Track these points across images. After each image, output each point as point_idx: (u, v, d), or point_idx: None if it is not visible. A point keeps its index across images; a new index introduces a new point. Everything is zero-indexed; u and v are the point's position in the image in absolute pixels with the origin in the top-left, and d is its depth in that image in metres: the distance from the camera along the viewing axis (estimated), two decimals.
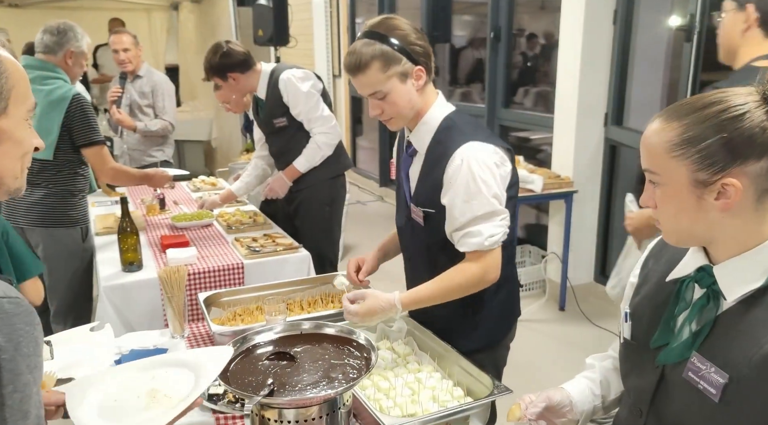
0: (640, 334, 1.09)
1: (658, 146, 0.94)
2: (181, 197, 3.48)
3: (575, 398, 1.22)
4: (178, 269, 1.82)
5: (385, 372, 1.55)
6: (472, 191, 1.50)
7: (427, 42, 1.57)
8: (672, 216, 0.97)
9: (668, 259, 1.10)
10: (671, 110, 0.96)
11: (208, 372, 1.14)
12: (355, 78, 1.55)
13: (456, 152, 1.52)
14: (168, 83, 4.04)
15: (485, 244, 1.52)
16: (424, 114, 1.61)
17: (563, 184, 3.72)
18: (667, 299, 1.05)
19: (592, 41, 3.58)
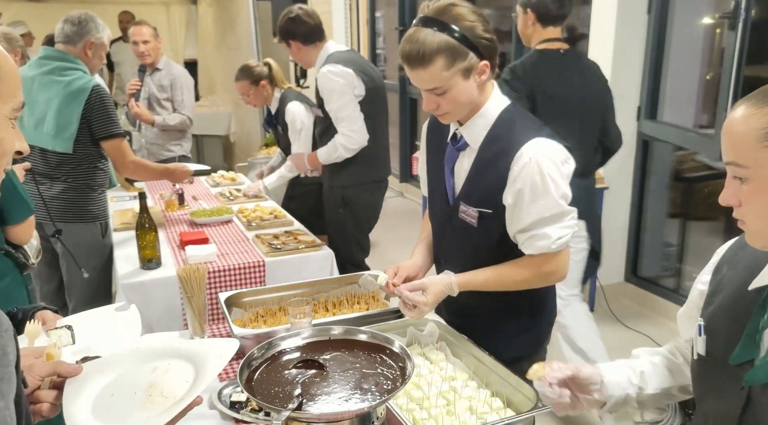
0: (717, 349, 0.97)
1: (746, 135, 0.82)
2: (200, 192, 3.41)
3: (607, 379, 1.13)
4: (197, 268, 1.73)
5: (418, 379, 1.45)
6: (540, 190, 1.40)
7: (494, 35, 1.44)
8: (762, 215, 0.85)
9: (747, 265, 0.97)
10: (761, 94, 0.83)
11: (210, 369, 1.07)
12: (413, 70, 1.40)
13: (523, 149, 1.41)
14: (187, 77, 3.97)
15: (552, 247, 1.44)
16: (480, 108, 1.49)
17: (594, 180, 3.58)
18: (750, 309, 0.93)
19: (625, 32, 3.44)
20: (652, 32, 3.42)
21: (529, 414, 1.27)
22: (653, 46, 3.44)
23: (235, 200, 3.19)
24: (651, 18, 3.42)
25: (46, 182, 2.57)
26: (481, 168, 1.49)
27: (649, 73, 3.49)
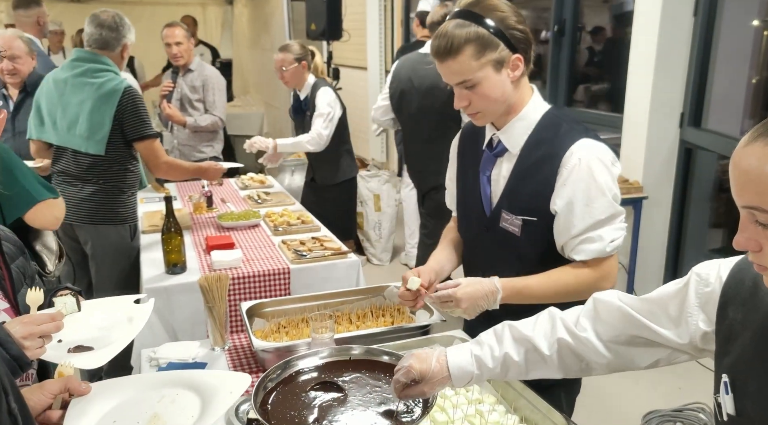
0: (752, 407, 0.85)
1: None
2: (228, 194, 3.39)
3: (454, 378, 1.11)
4: (219, 278, 1.69)
5: (443, 401, 1.38)
6: (593, 193, 1.33)
7: (527, 27, 1.38)
8: None
9: (754, 304, 0.87)
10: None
11: (216, 406, 1.03)
12: (443, 64, 1.35)
13: (570, 150, 1.35)
14: (219, 78, 3.97)
15: (606, 250, 1.37)
16: (520, 110, 1.42)
17: (632, 189, 3.45)
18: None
19: (670, 34, 3.29)
20: (699, 35, 3.27)
21: None
22: (699, 49, 3.28)
23: (264, 203, 3.16)
24: (697, 20, 3.27)
25: (77, 184, 2.58)
26: (524, 174, 1.42)
27: (693, 77, 3.34)
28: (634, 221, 3.48)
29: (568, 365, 1.12)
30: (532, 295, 1.39)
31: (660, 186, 3.52)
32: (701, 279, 0.97)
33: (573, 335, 1.11)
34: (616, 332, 1.08)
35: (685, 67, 3.36)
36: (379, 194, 4.60)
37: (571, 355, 1.11)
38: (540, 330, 1.13)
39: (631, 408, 2.78)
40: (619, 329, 1.07)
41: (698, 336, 0.98)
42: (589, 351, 1.10)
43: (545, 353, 1.11)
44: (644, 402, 2.78)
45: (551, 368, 1.13)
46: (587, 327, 1.11)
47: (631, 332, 1.07)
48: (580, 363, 1.11)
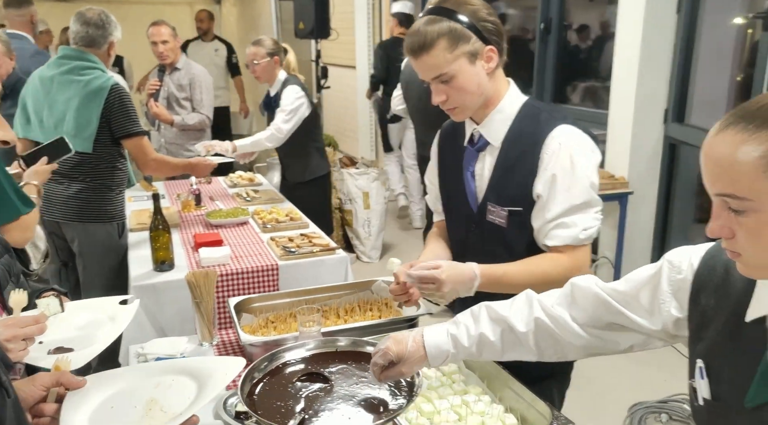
0: (726, 392, 0.88)
1: (745, 165, 0.73)
2: (217, 192, 3.39)
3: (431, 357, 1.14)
4: (207, 274, 1.70)
5: (429, 392, 1.40)
6: (572, 178, 1.35)
7: (498, 19, 1.40)
8: (765, 248, 0.77)
9: (726, 291, 0.89)
10: (749, 115, 0.75)
11: (211, 387, 1.05)
12: (418, 60, 1.37)
13: (551, 135, 1.37)
14: (206, 76, 3.97)
15: (580, 237, 1.37)
16: (498, 102, 1.44)
17: (617, 184, 3.50)
18: (755, 343, 0.84)
19: (654, 31, 3.33)
20: (682, 32, 3.32)
21: None
22: (682, 46, 3.33)
23: (252, 200, 3.17)
24: (680, 17, 3.31)
25: (64, 182, 2.57)
26: (508, 165, 1.43)
27: (677, 74, 3.38)
28: (620, 216, 3.52)
29: (542, 347, 1.13)
30: (510, 282, 1.37)
31: (645, 181, 3.57)
32: (673, 266, 0.99)
33: (550, 316, 1.12)
34: (591, 316, 1.09)
35: (669, 64, 3.41)
36: (368, 191, 4.61)
37: (547, 337, 1.12)
38: (517, 311, 1.14)
39: (617, 400, 2.81)
40: (595, 314, 1.09)
41: (671, 323, 1.00)
42: (566, 333, 1.11)
43: (521, 332, 1.12)
44: (630, 394, 2.81)
45: (526, 349, 1.14)
46: (564, 309, 1.12)
47: (606, 318, 1.09)
48: (555, 345, 1.12)
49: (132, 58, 6.30)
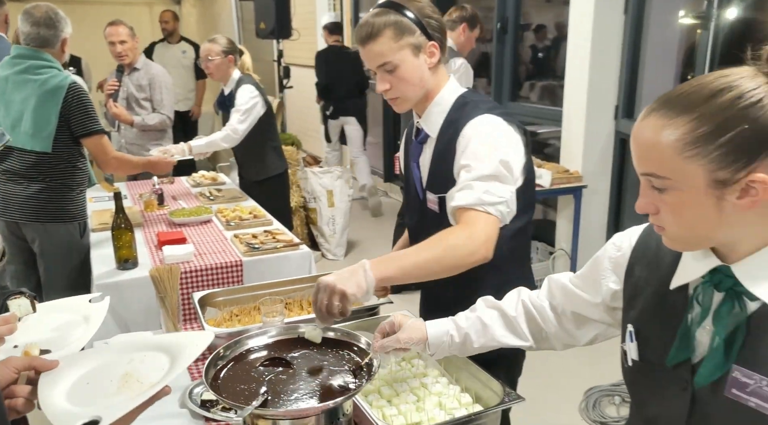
0: (651, 353, 0.97)
1: (664, 147, 0.81)
2: (180, 191, 3.40)
3: (431, 339, 1.24)
4: (170, 269, 1.73)
5: (389, 376, 1.46)
6: (480, 153, 1.39)
7: (442, 18, 1.49)
8: (685, 223, 0.85)
9: (657, 264, 0.98)
10: (670, 102, 0.83)
11: (184, 358, 1.09)
12: (365, 48, 1.45)
13: (468, 124, 1.44)
14: (166, 76, 3.96)
15: (483, 198, 1.35)
16: (435, 96, 1.52)
17: (572, 178, 3.63)
18: (676, 309, 0.93)
19: (603, 32, 3.48)
20: (629, 32, 3.46)
21: (496, 408, 1.29)
22: (630, 46, 3.48)
23: (216, 199, 3.18)
24: (627, 18, 3.46)
25: (22, 182, 2.55)
26: (441, 154, 1.51)
27: (626, 72, 3.53)
28: (574, 209, 3.66)
29: (533, 332, 1.25)
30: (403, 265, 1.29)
31: (598, 175, 3.71)
32: (615, 245, 1.09)
33: (533, 303, 1.25)
34: (561, 306, 1.21)
35: (618, 62, 3.56)
36: (332, 189, 4.66)
37: (533, 323, 1.24)
38: (507, 299, 1.28)
39: (573, 384, 2.93)
40: (564, 304, 1.20)
41: (609, 295, 1.09)
42: (547, 321, 1.23)
43: (512, 316, 1.24)
44: (585, 379, 2.94)
45: (519, 333, 1.25)
46: (545, 299, 1.24)
47: (572, 308, 1.19)
48: (542, 332, 1.24)
49: (90, 59, 6.20)
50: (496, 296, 1.51)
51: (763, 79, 0.80)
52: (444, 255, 1.30)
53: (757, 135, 0.78)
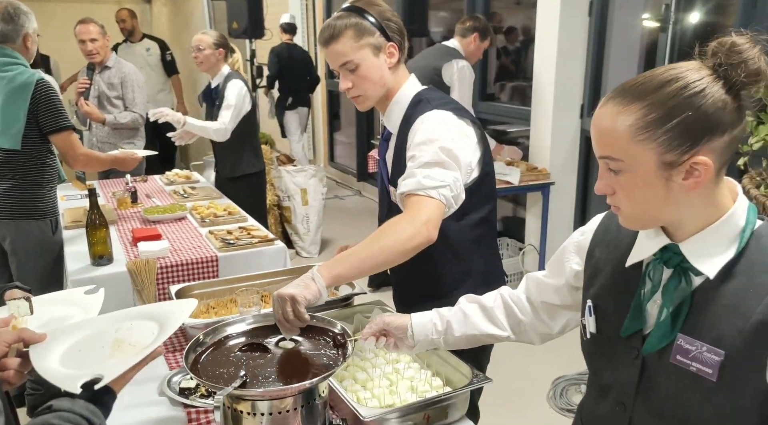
0: (607, 326, 1.05)
1: (619, 132, 0.89)
2: (153, 189, 3.40)
3: (415, 327, 1.30)
4: (147, 262, 1.76)
5: (363, 363, 1.52)
6: (423, 144, 1.46)
7: (401, 22, 1.57)
8: (637, 202, 0.93)
9: (615, 244, 1.07)
10: (625, 91, 0.91)
11: (172, 322, 1.14)
12: (327, 49, 1.53)
13: (419, 118, 1.51)
14: (137, 74, 3.95)
15: (423, 182, 1.39)
16: (395, 94, 1.59)
17: (540, 176, 3.73)
18: (630, 285, 1.01)
19: (568, 33, 3.59)
20: (593, 34, 3.58)
21: (464, 389, 1.36)
22: (594, 46, 3.60)
23: (189, 197, 3.20)
24: (592, 20, 3.58)
25: None
26: (399, 150, 1.59)
27: (590, 72, 3.65)
28: (543, 206, 3.76)
29: (511, 324, 1.31)
30: (352, 254, 1.33)
31: (565, 173, 3.82)
32: (580, 231, 1.18)
33: (511, 295, 1.33)
34: (536, 298, 1.29)
35: (583, 63, 3.68)
36: (306, 188, 4.70)
37: (511, 314, 1.31)
38: (486, 295, 1.35)
39: (541, 374, 3.03)
40: (538, 296, 1.28)
41: (572, 276, 1.18)
42: (525, 312, 1.30)
43: (490, 307, 1.31)
44: (552, 369, 3.03)
45: (498, 324, 1.31)
46: (522, 292, 1.32)
47: (544, 298, 1.27)
48: (520, 324, 1.31)
49: (60, 58, 6.11)
50: (462, 285, 1.59)
51: (707, 71, 0.88)
52: (386, 244, 1.33)
53: (700, 121, 0.86)
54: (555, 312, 1.27)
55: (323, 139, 7.37)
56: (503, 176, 3.56)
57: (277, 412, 1.15)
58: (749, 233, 0.91)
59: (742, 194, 0.96)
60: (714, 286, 0.92)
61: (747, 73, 0.86)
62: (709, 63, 0.88)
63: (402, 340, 1.31)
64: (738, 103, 0.88)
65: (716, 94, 0.86)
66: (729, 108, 0.87)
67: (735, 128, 0.88)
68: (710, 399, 0.91)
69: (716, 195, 0.92)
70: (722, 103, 0.86)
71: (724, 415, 0.91)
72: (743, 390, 0.89)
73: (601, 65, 3.64)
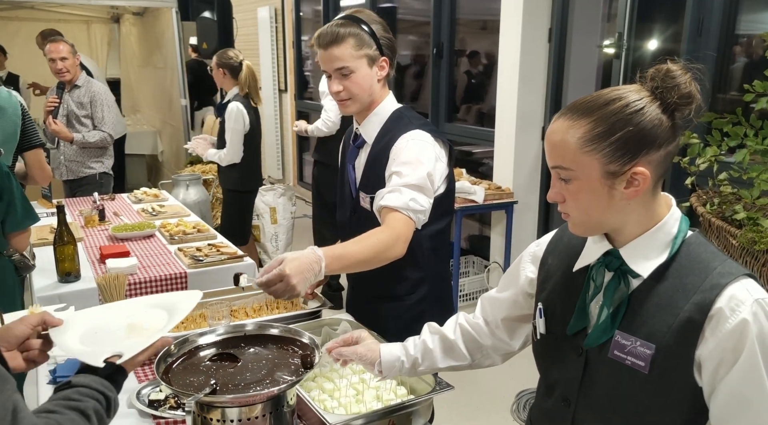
0: (555, 326, 1.14)
1: (569, 143, 0.99)
2: (121, 208, 3.40)
3: (384, 363, 1.35)
4: (117, 277, 1.79)
5: (330, 373, 1.56)
6: (410, 164, 1.58)
7: (394, 40, 1.69)
8: (584, 209, 1.02)
9: (566, 253, 1.16)
10: (575, 108, 1.01)
11: (181, 310, 1.24)
12: (326, 51, 1.61)
13: (402, 136, 1.62)
14: (107, 94, 3.97)
15: (409, 205, 1.55)
16: (376, 106, 1.70)
17: (504, 195, 3.84)
18: (577, 288, 1.10)
19: (529, 58, 3.74)
20: (553, 58, 3.74)
21: (427, 396, 1.41)
22: (554, 70, 3.76)
23: (158, 215, 3.20)
24: (552, 46, 3.74)
25: None
26: (374, 158, 1.69)
27: (551, 95, 3.80)
28: (506, 224, 3.87)
29: (471, 352, 1.38)
30: (352, 256, 1.47)
31: (527, 192, 3.94)
32: (535, 243, 1.27)
33: (470, 323, 1.39)
34: (493, 317, 1.35)
35: (544, 86, 3.83)
36: (275, 206, 4.72)
37: (471, 341, 1.37)
38: (447, 323, 1.41)
39: (505, 387, 3.10)
40: (495, 314, 1.35)
41: (527, 284, 1.26)
42: (483, 336, 1.36)
43: (451, 339, 1.37)
44: (516, 382, 3.10)
45: (458, 354, 1.38)
46: (480, 316, 1.38)
47: (500, 315, 1.34)
48: (480, 349, 1.37)
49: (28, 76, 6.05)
50: (417, 288, 1.71)
51: (646, 93, 0.99)
52: (375, 254, 1.51)
53: (639, 136, 0.96)
54: (513, 329, 1.34)
55: (292, 158, 7.42)
56: (468, 195, 3.66)
57: (246, 419, 1.19)
58: (681, 241, 1.02)
59: (675, 206, 1.06)
60: (648, 287, 1.01)
61: (680, 96, 0.97)
62: (648, 86, 0.99)
63: (369, 369, 1.38)
64: (672, 122, 0.99)
65: (653, 112, 0.97)
66: (665, 126, 0.97)
67: (670, 144, 0.99)
68: (643, 390, 0.99)
69: (653, 205, 1.02)
70: (659, 121, 0.97)
71: (655, 408, 1.00)
72: (672, 383, 0.97)
73: (560, 89, 3.80)
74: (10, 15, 6.88)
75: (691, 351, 0.95)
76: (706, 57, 2.83)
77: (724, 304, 0.94)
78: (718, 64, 2.90)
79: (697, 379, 0.97)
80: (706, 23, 2.86)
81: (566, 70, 3.76)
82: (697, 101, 0.98)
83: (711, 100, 2.91)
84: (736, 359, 0.92)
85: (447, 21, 4.56)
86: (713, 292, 0.95)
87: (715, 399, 0.96)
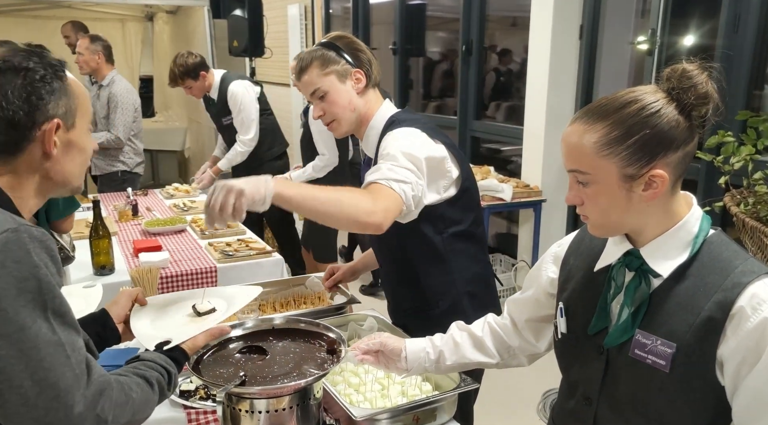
0: (577, 326, 1.14)
1: (586, 148, 0.98)
2: (153, 203, 3.47)
3: (410, 352, 1.35)
4: (150, 270, 1.83)
5: (356, 368, 1.58)
6: (389, 153, 1.51)
7: (371, 52, 1.68)
8: (603, 211, 1.02)
9: (588, 253, 1.15)
10: (590, 112, 1.01)
11: (239, 301, 1.36)
12: (300, 81, 1.65)
13: (387, 134, 1.58)
14: (124, 96, 3.97)
15: (387, 174, 1.44)
16: (371, 119, 1.67)
17: (532, 193, 3.81)
18: (598, 287, 1.10)
19: (559, 55, 3.70)
20: (584, 56, 3.70)
21: (452, 392, 1.42)
22: (585, 68, 3.71)
23: (189, 210, 3.27)
24: (582, 43, 3.69)
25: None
26: None
27: (581, 93, 3.76)
28: (534, 222, 3.84)
29: (499, 351, 1.38)
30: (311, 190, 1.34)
31: (556, 190, 3.90)
32: (557, 244, 1.27)
33: (498, 322, 1.39)
34: (519, 318, 1.35)
35: (574, 83, 3.78)
36: None
37: (499, 341, 1.38)
38: (476, 323, 1.41)
39: (532, 387, 3.08)
40: (520, 315, 1.35)
41: (548, 283, 1.25)
42: (511, 336, 1.36)
43: (479, 336, 1.37)
44: (543, 381, 3.09)
45: (487, 351, 1.37)
46: (506, 317, 1.39)
47: (525, 316, 1.34)
48: (508, 350, 1.37)
49: None
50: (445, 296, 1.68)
51: (662, 94, 0.98)
52: (344, 201, 1.35)
53: (656, 138, 0.96)
54: (538, 330, 1.33)
55: None
56: (496, 192, 3.64)
57: (274, 410, 1.21)
58: (702, 240, 1.01)
59: (696, 205, 1.05)
60: (669, 286, 1.01)
61: (696, 96, 0.96)
62: (664, 87, 0.98)
63: (394, 362, 1.37)
64: (690, 123, 0.98)
65: (670, 114, 0.96)
66: (682, 127, 0.96)
67: (688, 145, 0.98)
68: (664, 390, 0.99)
69: (672, 205, 1.02)
70: (676, 122, 0.96)
71: (677, 407, 0.99)
72: (694, 382, 0.97)
73: (591, 86, 3.75)
74: (48, 14, 7.06)
75: (712, 350, 0.95)
76: (742, 54, 2.76)
77: (746, 303, 0.93)
78: (755, 61, 2.83)
79: (719, 378, 0.96)
80: (743, 19, 2.79)
81: (597, 67, 3.71)
82: (714, 101, 0.97)
83: (747, 98, 2.84)
84: (758, 358, 0.91)
85: (477, 18, 4.53)
86: (735, 291, 0.94)
87: (737, 399, 0.95)
